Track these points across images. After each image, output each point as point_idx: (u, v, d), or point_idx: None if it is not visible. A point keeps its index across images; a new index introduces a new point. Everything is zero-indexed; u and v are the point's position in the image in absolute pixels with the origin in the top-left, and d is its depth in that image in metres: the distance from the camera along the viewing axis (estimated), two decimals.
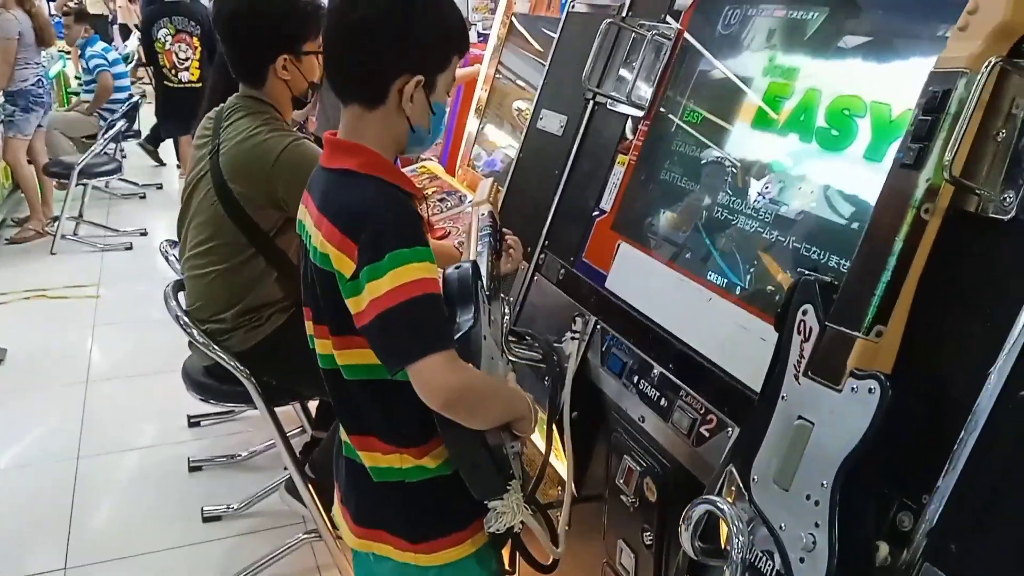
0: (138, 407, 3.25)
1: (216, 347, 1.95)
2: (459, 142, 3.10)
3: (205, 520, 2.57)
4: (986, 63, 0.85)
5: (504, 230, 1.57)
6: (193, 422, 3.11)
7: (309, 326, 1.24)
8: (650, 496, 1.30)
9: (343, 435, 1.30)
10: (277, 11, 1.92)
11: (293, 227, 1.32)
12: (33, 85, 5.16)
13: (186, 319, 1.98)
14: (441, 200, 2.73)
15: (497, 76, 3.01)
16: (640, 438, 1.34)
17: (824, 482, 0.90)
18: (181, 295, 2.10)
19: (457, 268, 1.26)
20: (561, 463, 1.54)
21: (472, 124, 3.06)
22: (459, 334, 1.22)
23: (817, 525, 0.89)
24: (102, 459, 2.94)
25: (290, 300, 2.01)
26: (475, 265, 1.28)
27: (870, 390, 0.88)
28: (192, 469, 2.85)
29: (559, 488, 1.63)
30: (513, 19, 3.01)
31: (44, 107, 5.41)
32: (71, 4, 7.05)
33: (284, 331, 1.99)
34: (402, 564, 1.28)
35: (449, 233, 2.48)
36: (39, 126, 5.45)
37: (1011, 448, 0.82)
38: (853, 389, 0.90)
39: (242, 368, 1.94)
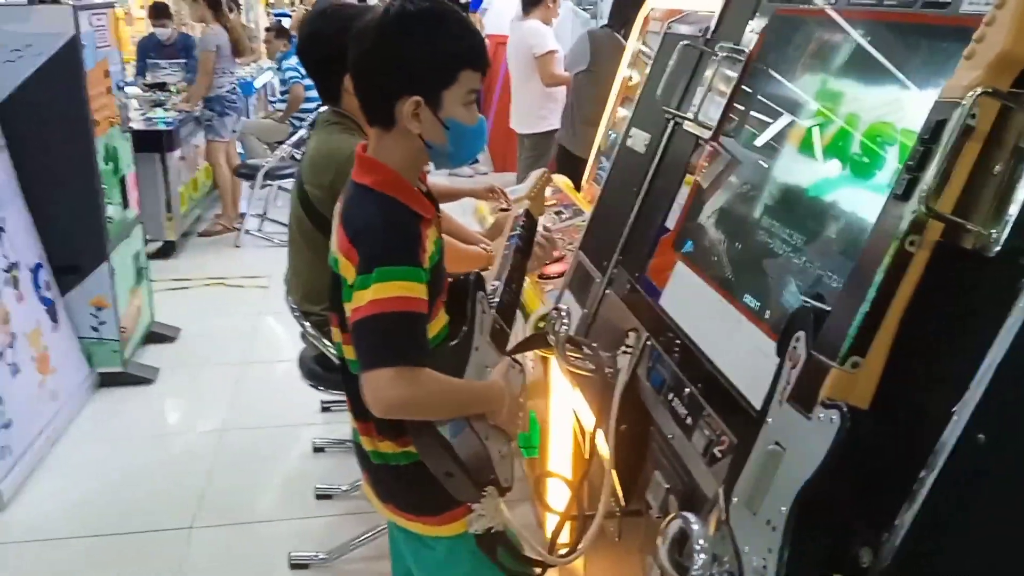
0: (281, 389, 3.52)
1: (322, 338, 2.13)
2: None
3: (317, 497, 2.79)
4: (970, 93, 0.82)
5: (545, 227, 1.61)
6: (325, 407, 3.37)
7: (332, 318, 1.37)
8: (673, 513, 1.31)
9: (351, 421, 1.42)
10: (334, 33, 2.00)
11: None
12: (228, 92, 5.76)
13: (299, 311, 2.17)
14: (557, 213, 2.81)
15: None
16: (669, 455, 1.36)
17: (783, 508, 0.90)
18: None
19: (458, 279, 1.34)
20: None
21: (598, 140, 3.11)
22: (447, 344, 1.33)
23: (770, 551, 0.89)
24: (240, 433, 3.25)
25: None
26: (478, 276, 1.35)
27: (832, 420, 0.87)
28: (316, 450, 3.09)
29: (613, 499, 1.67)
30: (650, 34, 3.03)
31: (238, 112, 6.00)
32: (272, 21, 7.77)
33: None
34: (414, 534, 1.43)
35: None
36: (233, 131, 6.05)
37: (961, 492, 0.79)
38: (820, 418, 0.89)
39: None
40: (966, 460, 0.80)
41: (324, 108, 2.20)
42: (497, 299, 1.44)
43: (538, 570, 1.52)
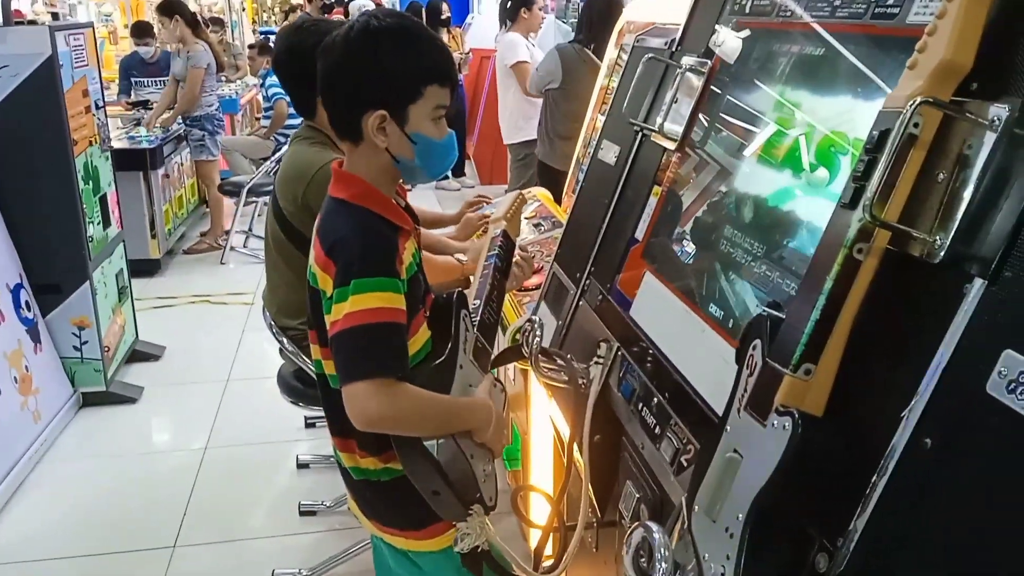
0: (265, 405, 3.50)
1: (300, 353, 2.14)
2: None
3: (302, 514, 2.79)
4: (911, 102, 0.84)
5: (519, 248, 1.63)
6: (310, 423, 3.36)
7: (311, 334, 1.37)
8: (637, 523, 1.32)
9: (330, 437, 1.42)
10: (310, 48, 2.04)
11: None
12: (215, 110, 5.75)
13: (276, 326, 2.18)
14: (536, 226, 2.82)
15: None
16: (640, 464, 1.37)
17: (740, 515, 0.91)
18: None
19: (442, 297, 1.35)
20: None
21: (578, 152, 3.13)
22: (433, 362, 1.33)
23: (728, 558, 0.90)
24: (225, 451, 3.24)
25: None
26: (460, 295, 1.36)
27: (784, 427, 0.88)
28: (300, 466, 3.09)
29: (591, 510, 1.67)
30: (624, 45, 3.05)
31: (223, 130, 6.01)
32: (258, 38, 7.77)
33: None
34: (400, 549, 1.42)
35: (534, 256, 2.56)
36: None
37: (912, 497, 0.80)
38: (774, 425, 0.90)
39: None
40: (914, 464, 0.81)
41: None
42: (478, 318, 1.44)
43: None
